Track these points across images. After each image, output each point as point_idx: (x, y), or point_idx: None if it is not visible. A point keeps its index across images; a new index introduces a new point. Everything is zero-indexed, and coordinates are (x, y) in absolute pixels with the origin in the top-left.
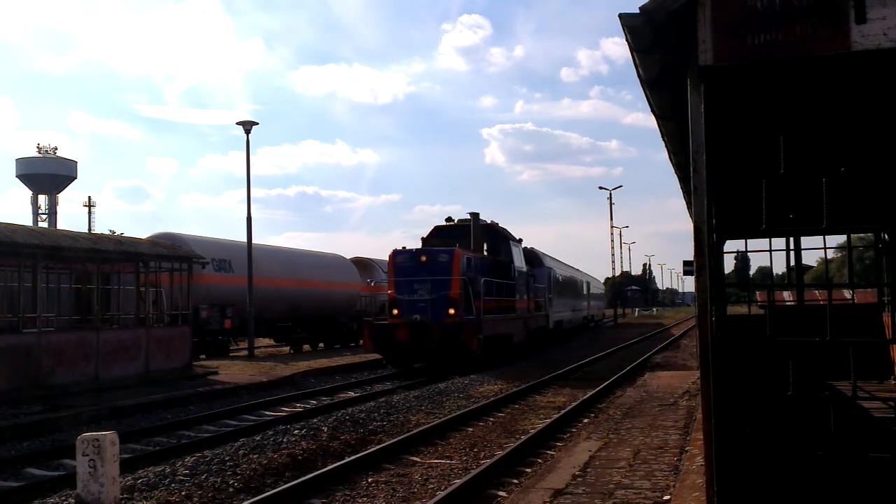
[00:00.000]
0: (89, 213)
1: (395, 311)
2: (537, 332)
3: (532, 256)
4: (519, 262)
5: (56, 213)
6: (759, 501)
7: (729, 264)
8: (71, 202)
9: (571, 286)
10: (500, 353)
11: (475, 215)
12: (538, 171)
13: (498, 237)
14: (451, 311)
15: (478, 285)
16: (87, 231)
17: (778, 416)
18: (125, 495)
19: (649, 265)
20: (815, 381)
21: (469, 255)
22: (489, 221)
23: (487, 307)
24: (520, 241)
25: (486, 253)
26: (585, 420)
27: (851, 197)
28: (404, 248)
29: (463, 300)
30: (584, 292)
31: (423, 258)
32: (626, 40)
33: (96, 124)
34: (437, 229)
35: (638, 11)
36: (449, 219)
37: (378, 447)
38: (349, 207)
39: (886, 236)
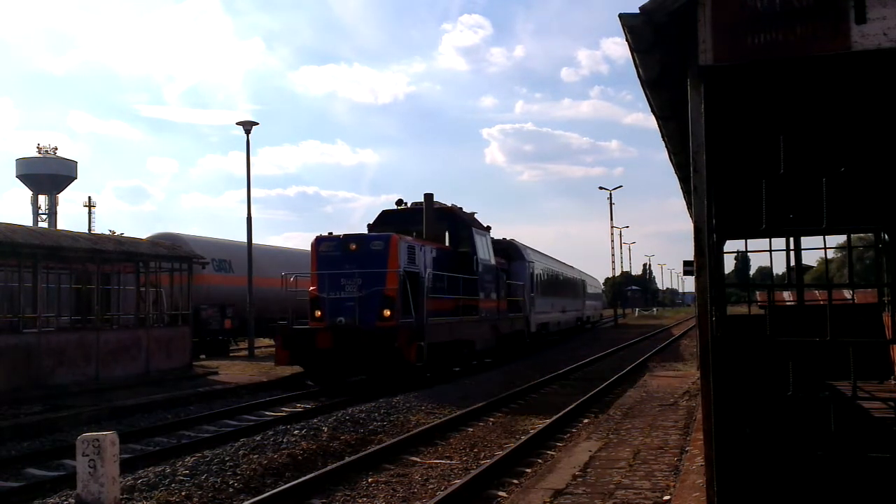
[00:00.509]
0: (89, 213)
1: (318, 313)
2: (513, 337)
3: (509, 249)
4: (484, 253)
5: (56, 213)
6: (759, 501)
7: (729, 264)
8: (71, 202)
9: (562, 284)
10: (458, 362)
11: (429, 196)
12: (538, 171)
13: (458, 224)
14: (386, 313)
15: (422, 280)
16: (87, 231)
17: (778, 416)
18: (125, 495)
19: (649, 265)
20: (815, 381)
21: (412, 242)
22: (449, 205)
23: (439, 307)
24: (488, 228)
25: (447, 243)
26: (585, 420)
27: (851, 197)
28: (330, 233)
29: (401, 298)
30: (579, 291)
31: (353, 246)
32: (627, 40)
33: (96, 124)
34: (384, 214)
35: (638, 11)
36: (399, 202)
37: (378, 447)
38: (349, 207)
39: (886, 236)
